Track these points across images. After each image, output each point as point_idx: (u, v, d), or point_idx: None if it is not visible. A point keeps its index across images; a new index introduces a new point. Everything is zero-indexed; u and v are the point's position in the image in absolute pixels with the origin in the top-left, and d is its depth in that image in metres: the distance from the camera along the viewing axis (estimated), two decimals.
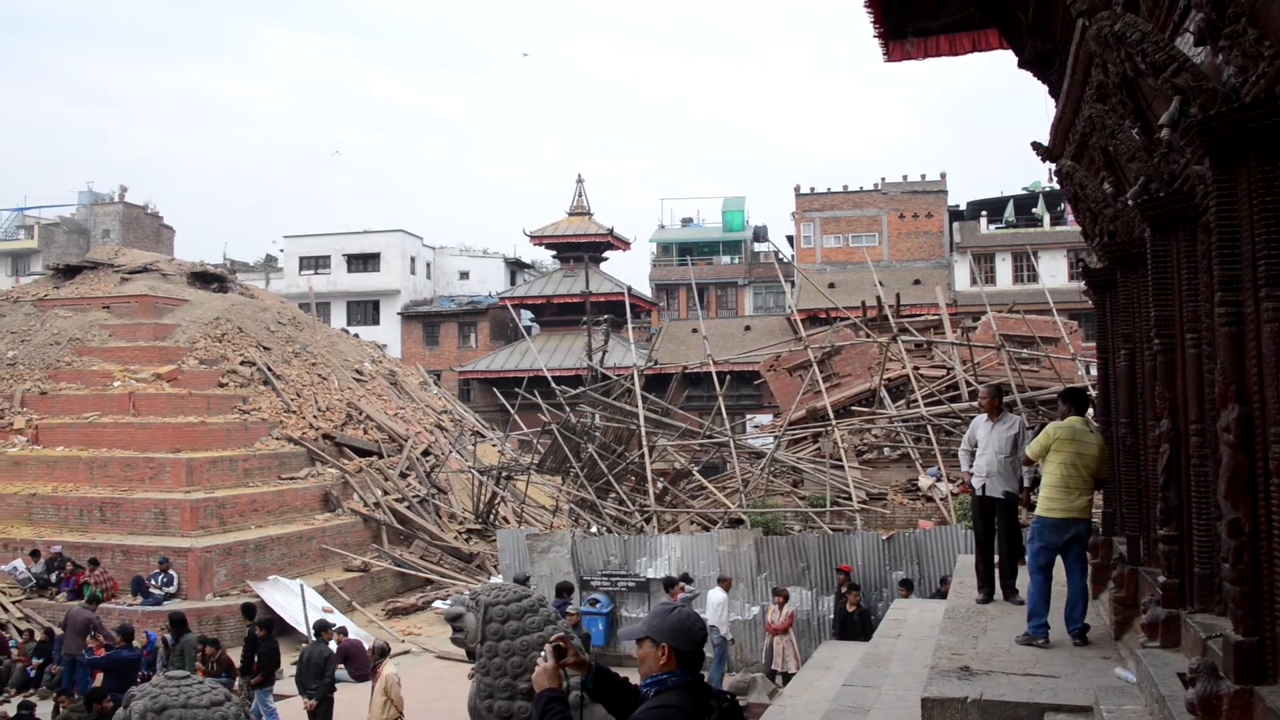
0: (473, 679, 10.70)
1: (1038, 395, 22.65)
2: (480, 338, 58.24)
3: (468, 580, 25.98)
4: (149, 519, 24.63)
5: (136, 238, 63.57)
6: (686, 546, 19.52)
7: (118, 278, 36.87)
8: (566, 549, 20.16)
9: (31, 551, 23.85)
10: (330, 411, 31.34)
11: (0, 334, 33.75)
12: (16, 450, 27.84)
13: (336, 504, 27.65)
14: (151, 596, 22.07)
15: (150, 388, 29.22)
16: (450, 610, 11.02)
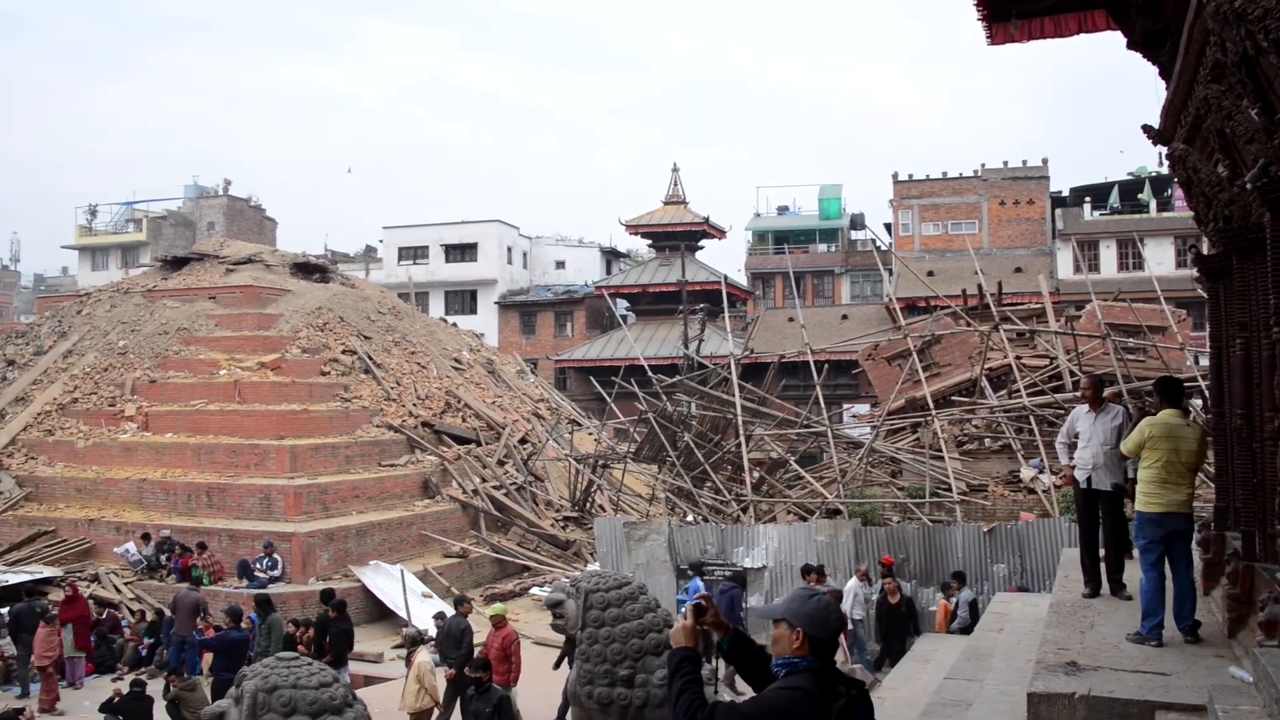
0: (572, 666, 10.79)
1: (1144, 386, 22.13)
2: (576, 327, 58.51)
3: (564, 567, 26.13)
4: (254, 504, 25.15)
5: (240, 230, 64.93)
6: (784, 536, 19.42)
7: (223, 269, 37.68)
8: (663, 538, 20.17)
9: (143, 535, 24.50)
10: (429, 399, 31.71)
11: (112, 324, 34.69)
12: (128, 437, 28.62)
13: (435, 491, 27.97)
14: (256, 580, 22.54)
15: (255, 376, 29.82)
16: (551, 597, 11.09)
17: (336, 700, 6.46)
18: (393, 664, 20.19)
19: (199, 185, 72.28)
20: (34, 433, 29.87)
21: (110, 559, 24.84)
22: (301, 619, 19.95)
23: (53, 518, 26.47)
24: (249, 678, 6.37)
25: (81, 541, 25.58)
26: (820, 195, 63.91)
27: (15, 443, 29.49)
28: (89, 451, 28.45)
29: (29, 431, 29.94)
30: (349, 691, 6.61)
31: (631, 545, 20.44)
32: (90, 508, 26.68)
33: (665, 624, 10.53)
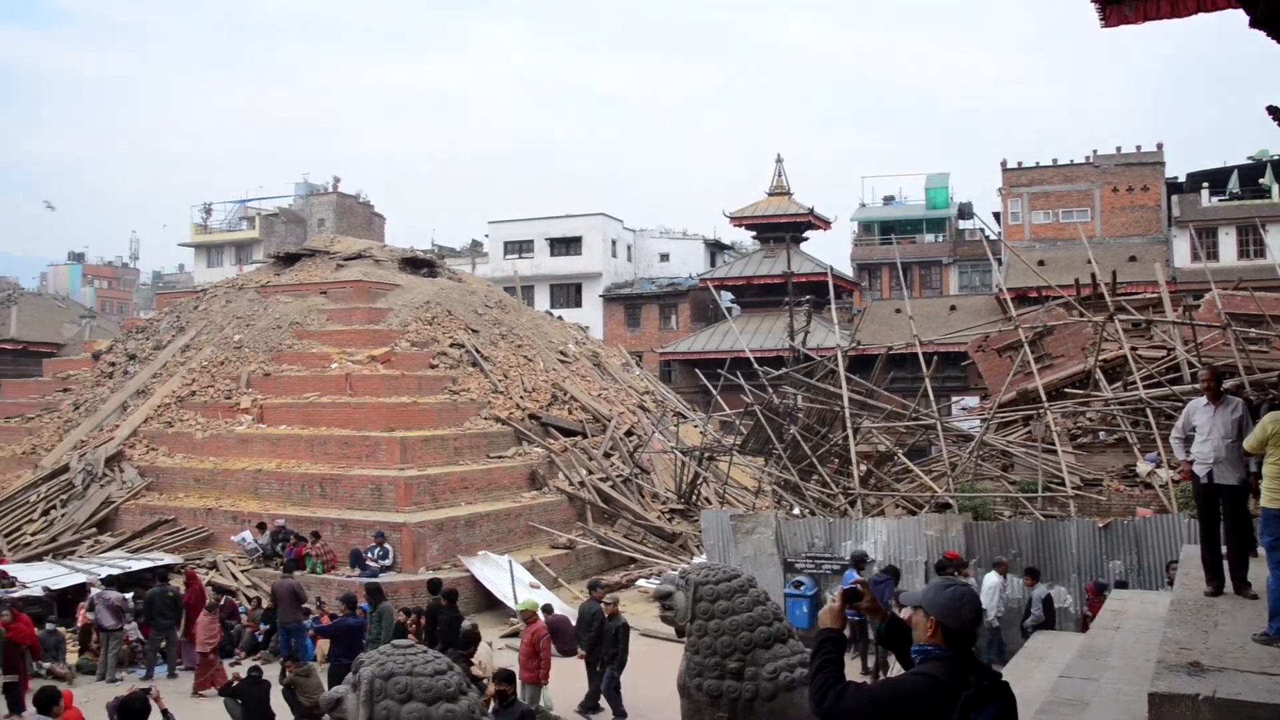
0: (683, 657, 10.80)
1: (1267, 378, 21.47)
2: (681, 319, 58.54)
3: (670, 560, 26.16)
4: (365, 494, 25.60)
5: (350, 226, 66.10)
6: (893, 530, 19.22)
7: (333, 264, 38.40)
8: (771, 530, 20.10)
9: (258, 524, 25.08)
10: (536, 392, 31.98)
11: (228, 319, 35.56)
12: (244, 429, 29.31)
13: (543, 482, 28.20)
14: (369, 569, 22.91)
15: (365, 369, 30.34)
16: (660, 589, 11.14)
17: (451, 688, 6.58)
18: (501, 653, 20.39)
19: (309, 183, 73.79)
20: (154, 424, 30.74)
21: (227, 547, 25.47)
22: (412, 608, 20.26)
23: (173, 506, 27.21)
24: (366, 664, 6.52)
25: (200, 530, 26.27)
26: (927, 184, 63.06)
27: (137, 434, 30.40)
28: (207, 443, 29.21)
29: (150, 423, 30.83)
30: (463, 679, 6.72)
31: (738, 538, 20.41)
32: (208, 497, 27.40)
33: (775, 617, 10.52)
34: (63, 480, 28.80)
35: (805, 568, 19.64)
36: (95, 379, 35.56)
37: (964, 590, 4.29)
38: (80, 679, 19.14)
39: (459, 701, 6.58)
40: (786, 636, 10.34)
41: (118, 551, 25.17)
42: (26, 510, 28.21)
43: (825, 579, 19.37)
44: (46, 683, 18.74)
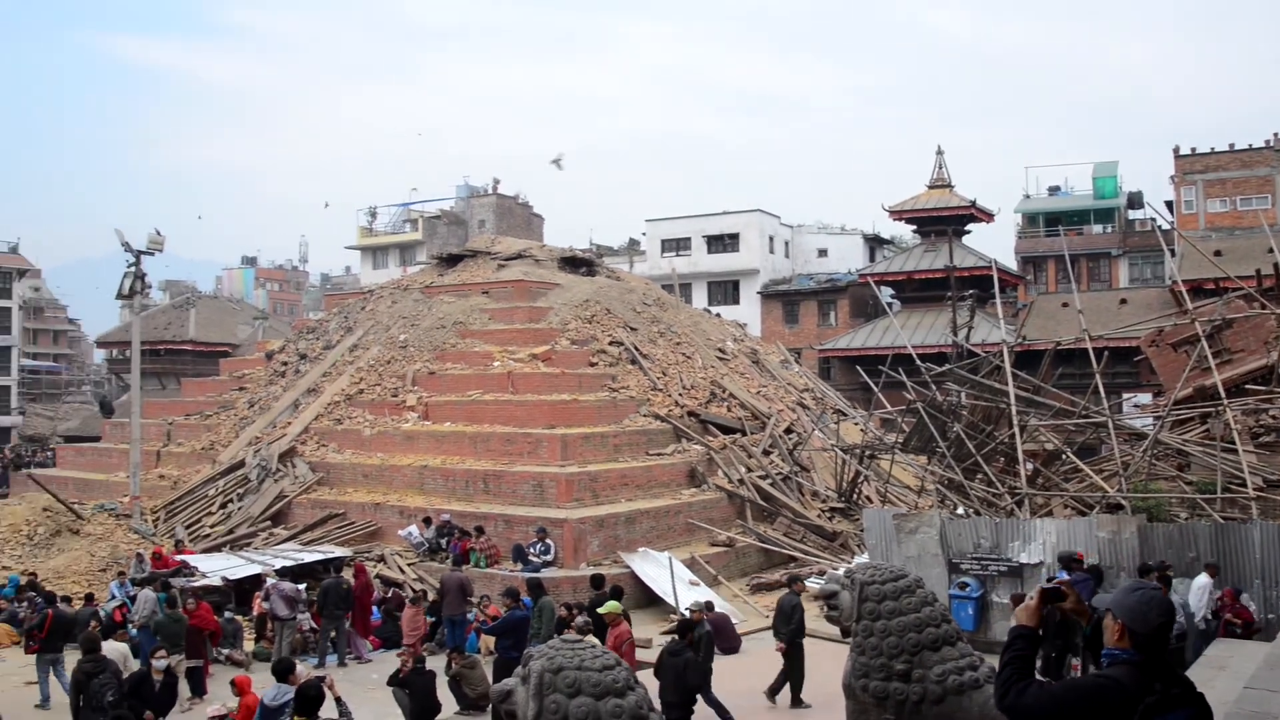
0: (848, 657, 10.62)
1: None
2: (840, 315, 57.89)
3: (831, 559, 25.86)
4: (527, 490, 25.92)
5: (509, 226, 67.09)
6: (1062, 531, 18.61)
7: (494, 265, 39.05)
8: (935, 530, 19.67)
9: (424, 519, 25.61)
10: (695, 389, 31.96)
11: (393, 319, 36.45)
12: (409, 425, 29.99)
13: (702, 480, 28.17)
14: (531, 564, 23.19)
15: (527, 367, 30.75)
16: (825, 588, 10.96)
17: (619, 683, 6.55)
18: (660, 649, 20.43)
19: (469, 185, 75.15)
20: (324, 422, 31.68)
21: (394, 541, 26.07)
22: (573, 602, 20.43)
23: (342, 501, 27.99)
24: (535, 658, 6.55)
25: (368, 524, 26.95)
26: (1094, 174, 61.11)
27: (308, 431, 31.37)
28: (374, 439, 29.97)
29: (320, 420, 31.79)
30: (631, 675, 6.70)
31: (901, 538, 20.03)
32: (376, 492, 28.10)
33: (944, 619, 10.25)
34: (239, 475, 29.89)
35: (971, 569, 19.16)
36: (268, 378, 36.84)
37: (1152, 594, 4.17)
38: (256, 666, 19.78)
39: (626, 697, 6.55)
40: (955, 639, 10.06)
41: (291, 544, 26.02)
42: (206, 503, 29.39)
43: (991, 580, 18.87)
44: (225, 668, 19.54)
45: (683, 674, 13.19)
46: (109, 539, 27.87)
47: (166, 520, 29.06)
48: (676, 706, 13.14)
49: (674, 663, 13.38)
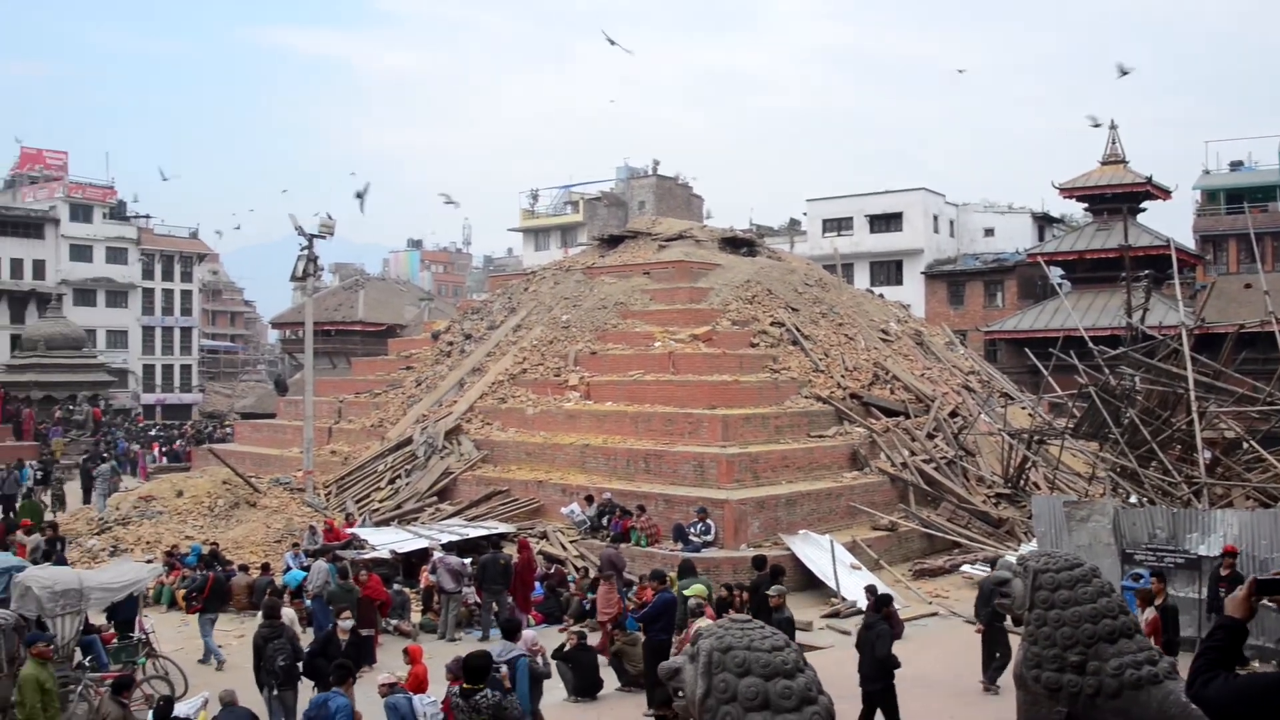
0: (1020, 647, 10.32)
1: None
2: (1007, 296, 56.47)
3: (996, 546, 25.27)
4: (688, 471, 25.92)
5: (669, 207, 67.20)
6: (1245, 523, 17.79)
7: (655, 246, 39.13)
8: (1107, 519, 19.01)
9: (586, 496, 25.83)
10: (857, 371, 31.53)
11: (555, 300, 36.84)
12: (571, 405, 30.29)
13: (864, 463, 27.78)
14: (691, 544, 23.21)
15: (687, 348, 30.75)
16: (997, 575, 10.69)
17: (789, 664, 6.45)
18: (822, 633, 20.25)
19: (629, 167, 75.52)
20: (489, 400, 32.22)
21: (557, 518, 26.38)
22: (734, 583, 20.38)
23: (505, 478, 28.42)
24: (704, 637, 6.49)
25: (531, 501, 27.33)
26: None
27: (473, 409, 31.95)
28: (537, 418, 30.36)
29: (484, 399, 32.33)
30: (800, 656, 6.59)
31: (1072, 526, 19.40)
32: (538, 470, 28.47)
33: (1121, 610, 9.86)
34: (406, 452, 30.60)
35: (1145, 560, 18.46)
36: (434, 357, 37.64)
37: None
38: (423, 636, 20.27)
39: (796, 678, 6.44)
40: (1133, 631, 9.66)
41: (456, 519, 26.53)
42: (375, 479, 30.18)
43: (1169, 573, 18.14)
44: (394, 638, 20.06)
45: (874, 646, 13.07)
46: (284, 511, 28.88)
47: (338, 494, 29.94)
48: (871, 679, 12.98)
49: (867, 636, 13.26)
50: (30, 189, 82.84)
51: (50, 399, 57.39)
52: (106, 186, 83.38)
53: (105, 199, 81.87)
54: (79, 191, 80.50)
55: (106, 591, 16.43)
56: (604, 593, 19.17)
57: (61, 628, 15.50)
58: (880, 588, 21.22)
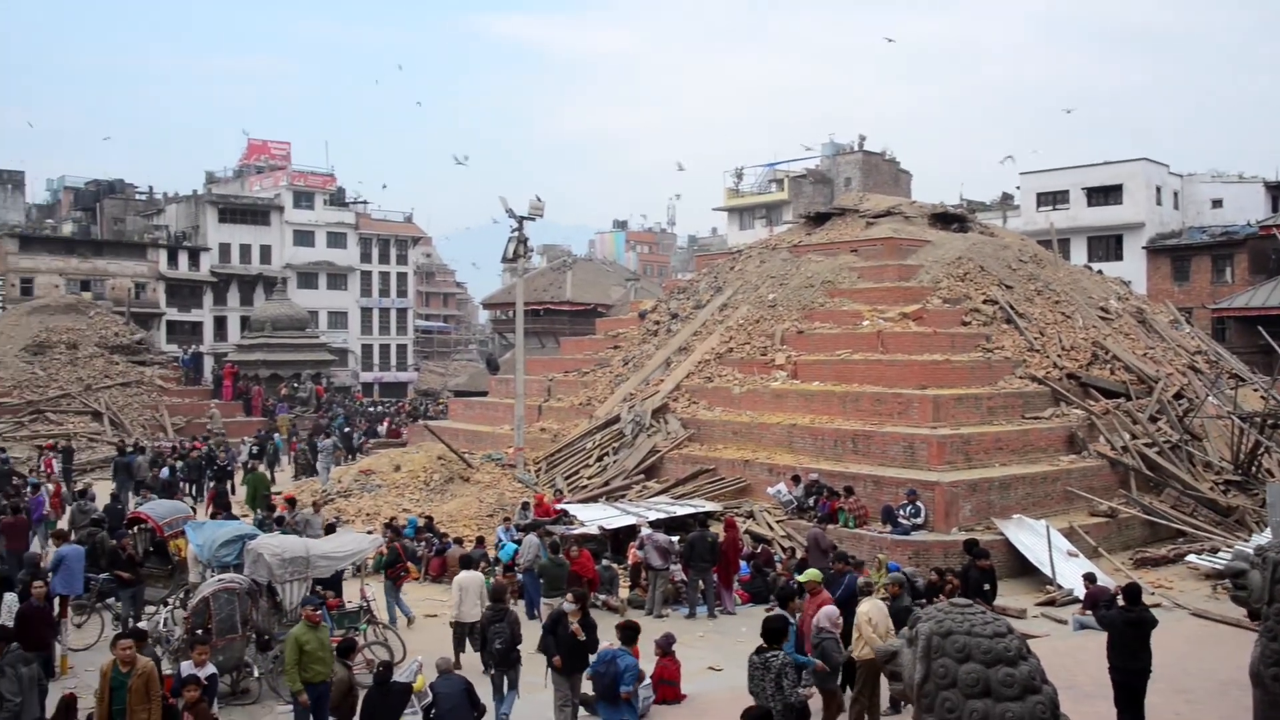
0: (1256, 642, 9.78)
1: None
2: (1237, 271, 53.51)
3: (1225, 535, 24.06)
4: (897, 452, 25.48)
5: (875, 184, 66.21)
6: None
7: (862, 223, 38.53)
8: None
9: (792, 476, 25.67)
10: (1074, 350, 30.40)
11: (761, 278, 36.67)
12: (778, 384, 30.12)
13: (1081, 446, 26.77)
14: (900, 526, 22.85)
15: (896, 326, 30.18)
16: (1232, 565, 10.14)
17: (1011, 652, 6.26)
18: (1036, 621, 19.66)
19: (835, 143, 74.58)
20: (695, 379, 32.34)
21: (763, 497, 26.29)
22: (944, 567, 19.99)
23: (712, 457, 28.47)
24: (923, 620, 6.36)
25: (737, 480, 27.31)
26: None
27: (679, 388, 32.12)
28: (743, 398, 30.31)
29: (691, 378, 32.47)
30: (1023, 643, 6.39)
31: None
32: (745, 449, 28.41)
33: None
34: (614, 430, 31.00)
35: None
36: (641, 336, 37.99)
37: None
38: (630, 612, 20.49)
39: (1018, 666, 6.26)
40: None
41: (663, 497, 26.75)
42: (583, 456, 30.67)
43: None
44: (602, 614, 20.33)
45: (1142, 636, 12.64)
46: (495, 487, 29.63)
47: (547, 471, 30.54)
48: (1119, 669, 12.54)
49: (1132, 627, 12.83)
50: (256, 178, 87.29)
51: (276, 377, 60.44)
52: (326, 174, 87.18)
53: (325, 186, 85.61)
54: (301, 179, 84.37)
55: (330, 560, 17.17)
56: None
57: (289, 593, 16.30)
58: (1099, 576, 20.53)
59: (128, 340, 52.67)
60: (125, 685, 11.29)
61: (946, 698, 6.24)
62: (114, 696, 11.25)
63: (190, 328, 76.14)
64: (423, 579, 23.17)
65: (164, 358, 57.65)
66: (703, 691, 15.27)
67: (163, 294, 74.91)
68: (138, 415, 46.59)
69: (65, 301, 55.71)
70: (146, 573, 19.75)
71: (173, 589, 19.44)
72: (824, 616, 13.71)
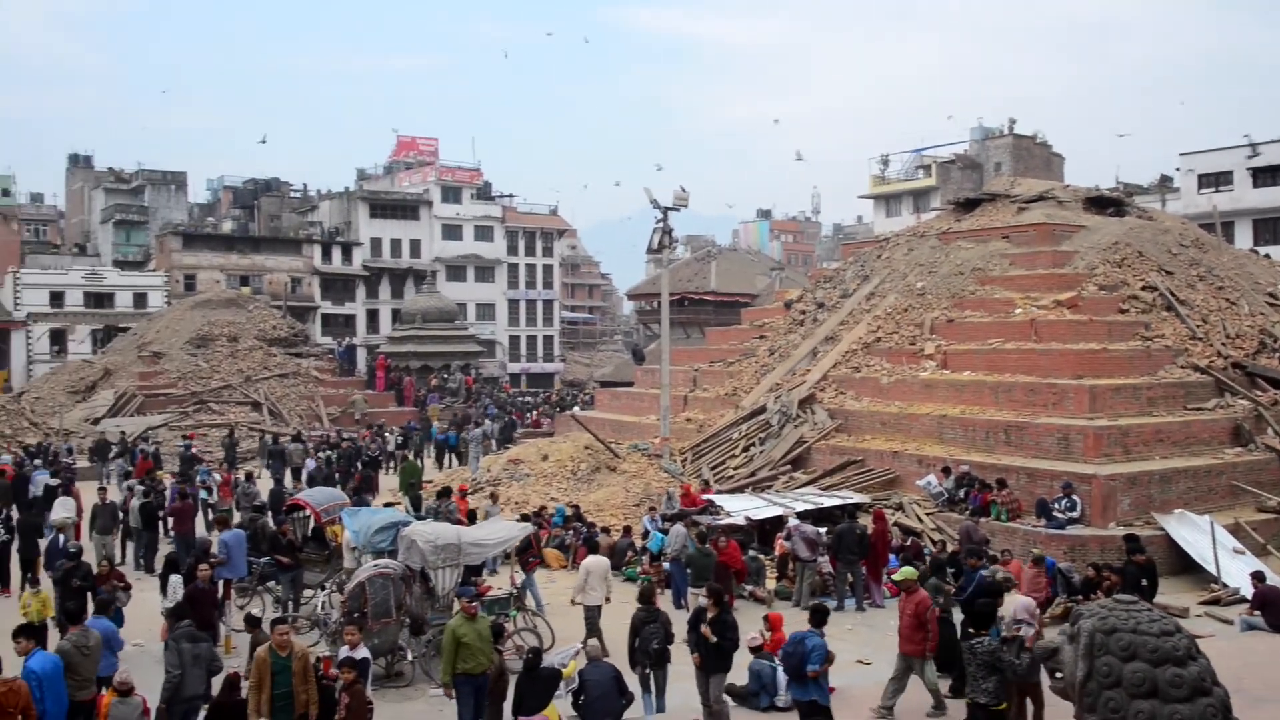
0: None
1: None
2: None
3: None
4: (1051, 443, 24.80)
5: (1026, 168, 64.65)
6: None
7: (1014, 208, 37.61)
8: None
9: (943, 468, 25.22)
10: (1240, 339, 29.19)
11: (909, 266, 36.09)
12: (927, 374, 29.62)
13: (1249, 438, 25.69)
14: (1054, 520, 22.25)
15: (1050, 314, 29.38)
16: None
17: (1180, 651, 6.02)
18: (1199, 620, 18.93)
19: (984, 127, 73.06)
20: (842, 369, 32.00)
21: (912, 489, 25.89)
22: (1100, 563, 19.42)
23: (860, 448, 28.15)
24: (1085, 617, 6.16)
25: (886, 472, 26.93)
26: None
27: (826, 378, 31.83)
28: (892, 388, 29.89)
29: (838, 368, 32.14)
30: (1192, 643, 6.14)
31: None
32: (893, 440, 28.02)
33: None
34: (760, 420, 30.86)
35: None
36: (787, 326, 37.73)
37: None
38: (777, 604, 20.40)
39: (1187, 667, 6.02)
40: None
41: (810, 488, 26.54)
42: (729, 446, 30.62)
43: None
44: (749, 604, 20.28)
45: None
46: (641, 476, 29.74)
47: (693, 461, 30.56)
48: None
49: None
50: (406, 174, 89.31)
51: (427, 368, 61.73)
52: (473, 169, 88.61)
53: (472, 181, 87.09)
54: (449, 175, 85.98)
55: (480, 548, 17.44)
56: (1031, 576, 18.65)
57: (442, 579, 16.61)
58: (1269, 575, 19.70)
59: (285, 333, 54.55)
60: (288, 668, 11.63)
61: (1110, 698, 6.03)
62: (275, 680, 11.59)
63: (344, 320, 78.30)
64: (570, 567, 23.35)
65: (319, 350, 59.53)
66: (851, 685, 15.09)
67: (317, 288, 77.20)
68: (295, 405, 48.18)
69: (226, 296, 57.99)
70: (305, 557, 20.34)
71: (330, 574, 20.00)
72: (1021, 608, 13.56)
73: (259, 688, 11.60)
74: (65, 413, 45.05)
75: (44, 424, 43.90)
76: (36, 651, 11.49)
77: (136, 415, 44.24)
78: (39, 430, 43.15)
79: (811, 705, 12.49)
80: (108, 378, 49.16)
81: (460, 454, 40.86)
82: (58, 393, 48.15)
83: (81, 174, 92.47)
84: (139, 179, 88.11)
